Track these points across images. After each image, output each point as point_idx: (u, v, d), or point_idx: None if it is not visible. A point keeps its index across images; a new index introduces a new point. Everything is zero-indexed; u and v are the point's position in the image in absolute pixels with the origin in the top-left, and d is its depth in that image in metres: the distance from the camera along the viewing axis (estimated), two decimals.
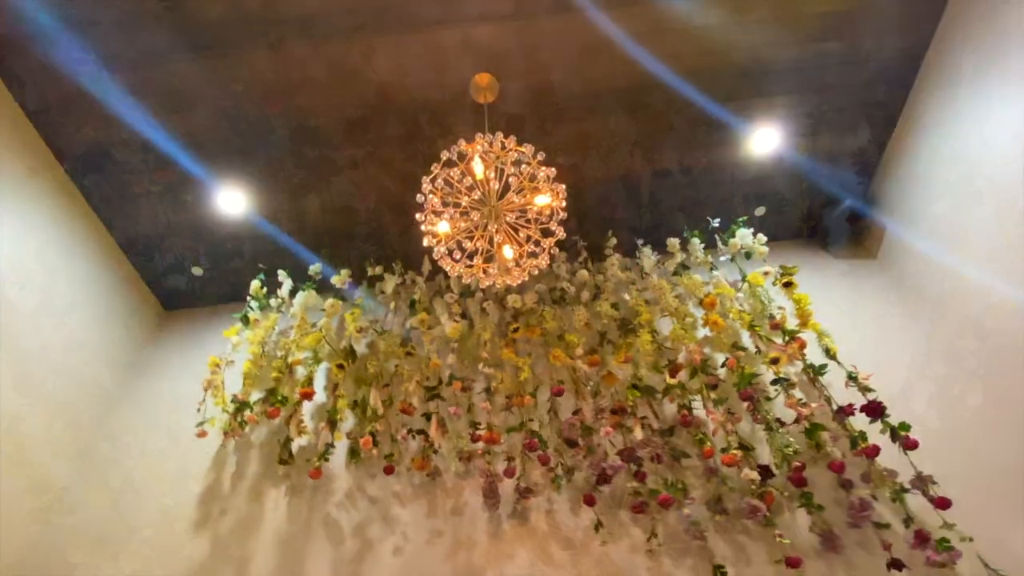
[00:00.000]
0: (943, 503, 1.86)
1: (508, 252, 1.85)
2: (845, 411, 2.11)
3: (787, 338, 2.34)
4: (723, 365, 2.38)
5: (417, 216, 1.78)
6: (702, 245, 2.75)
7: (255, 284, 2.78)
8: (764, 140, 2.66)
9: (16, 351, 2.26)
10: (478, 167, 1.66)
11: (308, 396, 2.37)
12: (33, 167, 2.46)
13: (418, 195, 1.74)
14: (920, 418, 2.07)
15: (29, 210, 2.42)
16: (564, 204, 1.74)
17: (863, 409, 2.08)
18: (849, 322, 2.56)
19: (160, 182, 2.63)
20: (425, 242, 1.81)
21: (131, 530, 2.25)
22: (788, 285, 2.49)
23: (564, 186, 1.73)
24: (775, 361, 2.26)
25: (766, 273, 2.58)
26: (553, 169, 1.71)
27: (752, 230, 2.74)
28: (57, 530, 2.25)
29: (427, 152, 1.81)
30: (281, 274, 2.81)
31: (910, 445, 1.98)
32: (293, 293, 2.78)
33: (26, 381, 2.29)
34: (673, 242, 2.76)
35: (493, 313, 2.66)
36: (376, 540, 2.16)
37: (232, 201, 2.68)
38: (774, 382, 2.27)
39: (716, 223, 2.77)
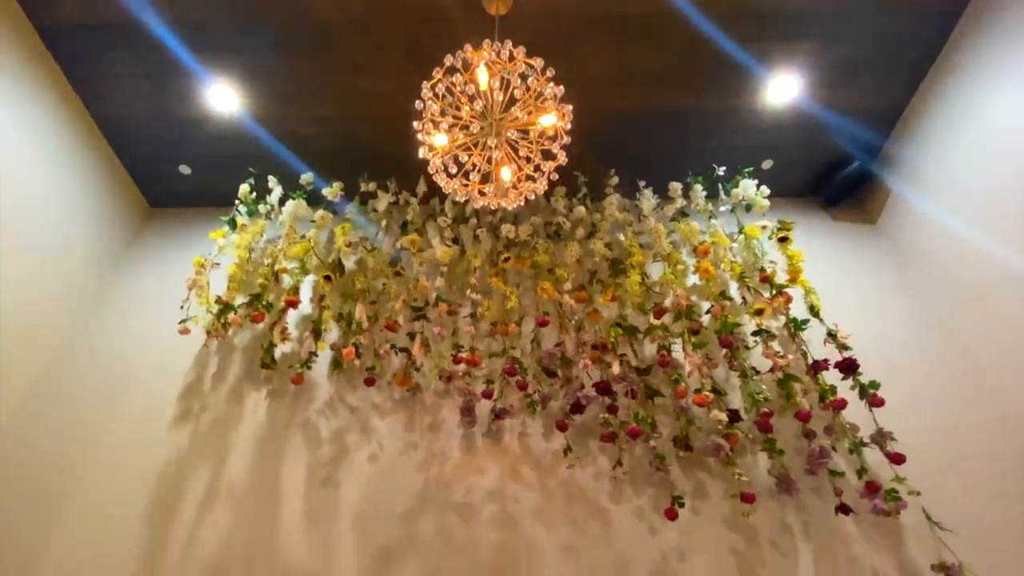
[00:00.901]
0: (898, 458, 1.94)
1: (506, 174, 1.80)
2: (819, 365, 2.15)
3: (774, 292, 2.35)
4: (707, 312, 2.40)
5: (414, 124, 1.70)
6: (704, 192, 2.70)
7: (244, 188, 2.71)
8: (782, 88, 2.55)
9: None
10: (483, 76, 1.57)
11: (294, 304, 2.37)
12: (11, 41, 2.30)
13: (416, 102, 1.66)
14: (892, 379, 2.12)
15: (5, 90, 2.28)
16: (569, 127, 1.67)
17: (837, 365, 2.13)
18: (838, 283, 2.57)
19: (147, 68, 2.48)
20: (421, 153, 1.74)
21: (111, 421, 2.29)
22: (783, 240, 2.47)
23: (571, 107, 1.66)
24: (759, 312, 2.28)
25: (764, 227, 2.56)
26: (561, 87, 1.63)
27: (756, 182, 2.70)
28: (38, 421, 2.29)
29: (431, 63, 1.70)
30: (271, 180, 2.73)
31: (876, 403, 2.04)
32: (282, 201, 2.72)
33: (4, 271, 2.25)
34: (675, 186, 2.70)
35: (485, 241, 2.63)
36: (352, 447, 2.23)
37: (223, 97, 2.55)
38: (755, 333, 2.30)
39: (721, 171, 2.71)
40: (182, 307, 2.36)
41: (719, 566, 1.95)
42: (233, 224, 2.64)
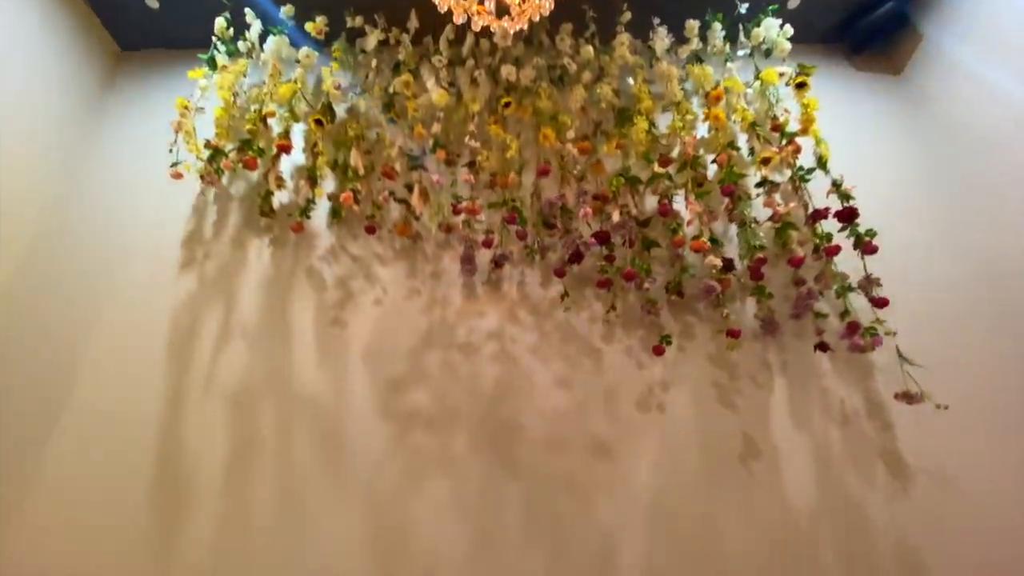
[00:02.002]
0: (880, 302, 2.01)
1: None
2: (819, 214, 2.14)
3: (784, 141, 2.27)
4: (713, 162, 2.34)
5: None
6: (722, 32, 2.48)
7: (220, 23, 2.46)
8: None
9: None
10: None
11: (286, 149, 2.29)
12: None
13: None
14: (891, 230, 2.13)
15: None
16: None
17: (837, 215, 2.12)
18: (854, 134, 2.48)
19: None
20: None
21: (116, 269, 2.31)
22: (801, 86, 2.32)
23: None
24: (766, 161, 2.22)
25: (782, 73, 2.39)
26: None
27: (780, 22, 2.47)
28: (42, 277, 2.30)
29: None
30: (248, 14, 2.48)
31: (869, 250, 2.07)
32: (263, 39, 2.50)
33: None
34: (692, 24, 2.47)
35: (484, 86, 2.46)
36: (357, 292, 2.31)
37: None
38: (758, 184, 2.26)
39: (744, 8, 2.46)
40: (170, 151, 2.28)
41: (700, 396, 2.13)
42: (213, 64, 2.45)
